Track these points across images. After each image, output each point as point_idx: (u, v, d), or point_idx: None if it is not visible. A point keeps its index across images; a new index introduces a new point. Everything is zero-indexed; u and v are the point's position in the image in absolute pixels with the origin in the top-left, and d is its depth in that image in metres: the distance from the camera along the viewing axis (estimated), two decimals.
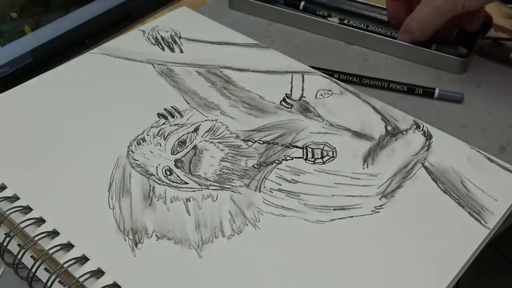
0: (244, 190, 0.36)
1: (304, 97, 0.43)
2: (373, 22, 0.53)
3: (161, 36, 0.49)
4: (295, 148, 0.39)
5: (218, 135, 0.40)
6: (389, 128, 0.41)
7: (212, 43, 0.49)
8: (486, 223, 0.34)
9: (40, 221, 0.34)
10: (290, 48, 0.52)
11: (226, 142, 0.39)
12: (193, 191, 0.36)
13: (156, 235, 0.33)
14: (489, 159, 0.38)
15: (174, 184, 0.36)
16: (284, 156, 0.38)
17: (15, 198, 0.35)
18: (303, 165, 0.38)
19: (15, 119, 0.41)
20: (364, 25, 0.52)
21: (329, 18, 0.53)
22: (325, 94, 0.44)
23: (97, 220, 0.34)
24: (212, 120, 0.41)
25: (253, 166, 0.38)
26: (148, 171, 0.37)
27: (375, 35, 0.52)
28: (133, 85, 0.44)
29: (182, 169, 0.37)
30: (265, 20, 0.56)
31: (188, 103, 0.43)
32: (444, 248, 0.33)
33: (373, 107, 0.43)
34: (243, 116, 0.42)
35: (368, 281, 0.31)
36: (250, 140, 0.39)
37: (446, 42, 0.50)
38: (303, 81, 0.45)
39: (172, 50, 0.48)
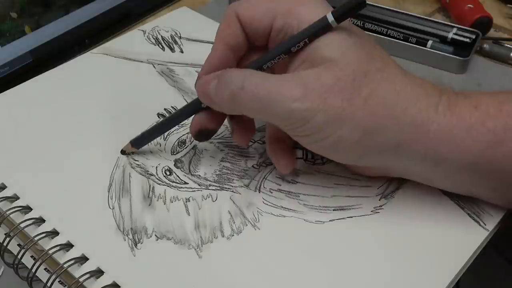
0: (244, 190, 0.36)
1: None
2: (372, 21, 0.53)
3: (161, 36, 0.49)
4: (295, 149, 0.39)
5: (218, 135, 0.40)
6: None
7: (212, 43, 0.49)
8: (485, 224, 0.34)
9: (40, 221, 0.34)
10: None
11: (226, 142, 0.39)
12: (193, 191, 0.36)
13: (155, 235, 0.33)
14: None
15: (174, 184, 0.36)
16: None
17: (15, 198, 0.35)
18: (303, 165, 0.38)
19: (15, 119, 0.41)
20: (360, 23, 0.52)
21: None
22: None
23: (96, 220, 0.34)
24: None
25: (252, 166, 0.38)
26: (147, 171, 0.37)
27: (375, 34, 0.52)
28: (133, 85, 0.44)
29: (182, 169, 0.37)
30: None
31: None
32: (444, 249, 0.33)
33: None
34: None
35: (368, 282, 0.31)
36: (250, 140, 0.39)
37: (443, 40, 0.51)
38: None
39: (172, 50, 0.48)
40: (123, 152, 0.38)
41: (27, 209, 0.34)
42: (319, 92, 0.29)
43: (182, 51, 0.48)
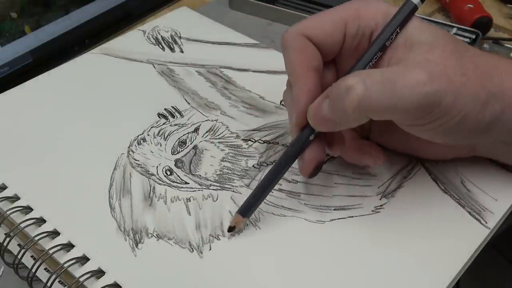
0: (245, 190, 0.36)
1: None
2: None
3: (161, 36, 0.49)
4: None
5: (218, 135, 0.40)
6: None
7: (212, 43, 0.49)
8: (486, 223, 0.34)
9: (41, 221, 0.34)
10: None
11: (226, 142, 0.39)
12: (194, 191, 0.36)
13: (156, 235, 0.33)
14: (489, 158, 0.38)
15: (175, 184, 0.36)
16: None
17: (15, 198, 0.35)
18: None
19: (15, 119, 0.41)
20: None
21: None
22: None
23: (97, 220, 0.34)
24: (212, 120, 0.41)
25: (253, 166, 0.38)
26: (148, 171, 0.37)
27: None
28: (133, 85, 0.44)
29: (182, 169, 0.37)
30: (265, 20, 0.56)
31: (189, 103, 0.43)
32: (444, 248, 0.33)
33: None
34: (243, 116, 0.42)
35: (368, 281, 0.31)
36: (250, 140, 0.39)
37: None
38: None
39: (172, 50, 0.48)
40: (231, 229, 0.33)
41: (27, 209, 0.34)
42: (439, 71, 0.29)
43: (182, 51, 0.48)
